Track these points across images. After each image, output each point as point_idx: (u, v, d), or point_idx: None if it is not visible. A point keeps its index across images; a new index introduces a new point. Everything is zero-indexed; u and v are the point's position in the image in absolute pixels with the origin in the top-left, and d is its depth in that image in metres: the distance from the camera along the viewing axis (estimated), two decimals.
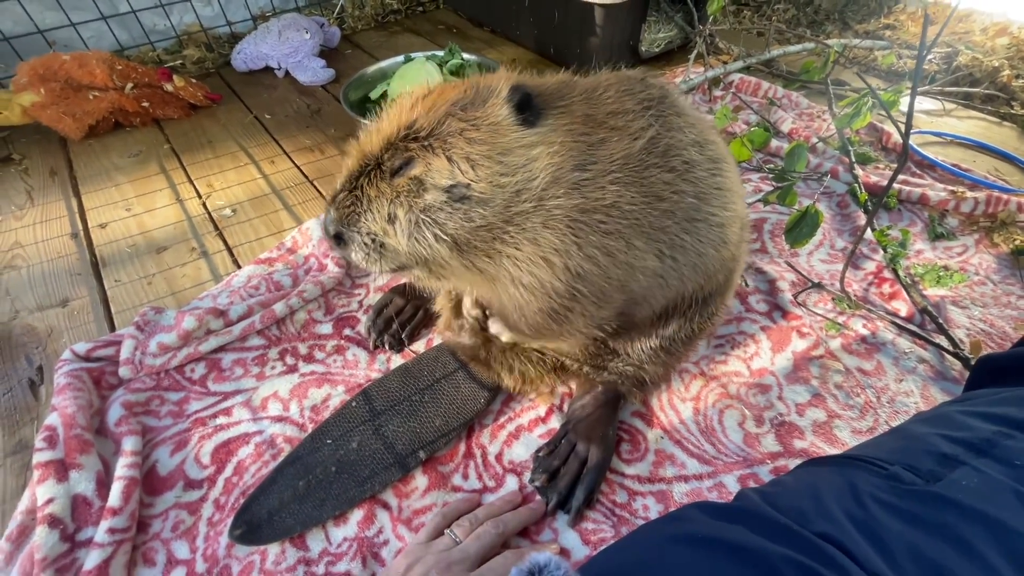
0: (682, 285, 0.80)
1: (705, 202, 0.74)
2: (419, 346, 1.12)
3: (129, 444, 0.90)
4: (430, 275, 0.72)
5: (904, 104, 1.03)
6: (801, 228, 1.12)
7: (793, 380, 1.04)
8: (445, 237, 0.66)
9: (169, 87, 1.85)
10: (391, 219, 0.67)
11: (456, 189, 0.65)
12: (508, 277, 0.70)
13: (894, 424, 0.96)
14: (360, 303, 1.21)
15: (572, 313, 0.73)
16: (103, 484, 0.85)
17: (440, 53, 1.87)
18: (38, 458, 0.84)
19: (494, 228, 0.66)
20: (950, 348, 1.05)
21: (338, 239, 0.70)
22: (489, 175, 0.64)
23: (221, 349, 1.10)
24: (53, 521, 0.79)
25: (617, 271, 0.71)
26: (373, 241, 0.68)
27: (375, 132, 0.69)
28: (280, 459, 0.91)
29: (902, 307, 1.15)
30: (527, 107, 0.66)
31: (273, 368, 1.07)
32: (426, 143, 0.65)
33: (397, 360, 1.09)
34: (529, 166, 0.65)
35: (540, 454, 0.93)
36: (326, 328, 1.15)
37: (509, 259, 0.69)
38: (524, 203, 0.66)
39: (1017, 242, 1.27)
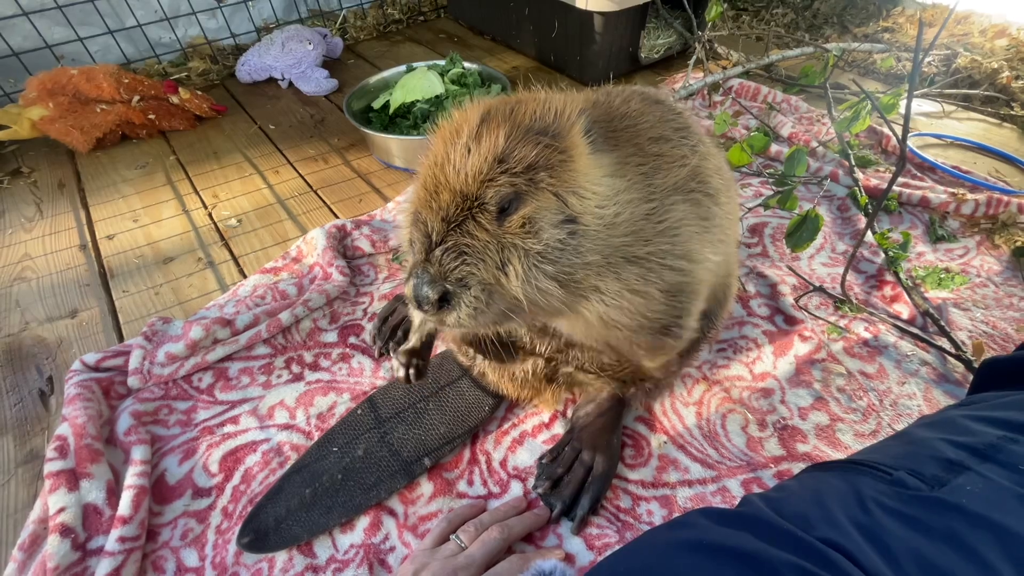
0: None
1: (725, 223, 0.77)
2: None
3: (138, 453, 0.91)
4: (527, 319, 0.65)
5: (904, 107, 1.03)
6: (802, 232, 1.12)
7: (795, 384, 1.04)
8: (560, 276, 0.60)
9: (175, 99, 1.88)
10: (503, 266, 0.59)
11: (567, 224, 0.60)
12: (602, 314, 0.67)
13: (897, 427, 0.96)
14: (364, 311, 1.22)
15: (682, 319, 0.72)
16: (113, 493, 0.87)
17: (442, 62, 1.89)
18: (49, 468, 0.86)
19: (595, 265, 0.62)
20: (952, 350, 1.05)
21: (443, 301, 0.59)
22: (590, 207, 0.61)
23: (228, 358, 1.11)
24: (64, 530, 0.80)
25: (700, 272, 0.72)
26: (484, 295, 0.59)
27: (452, 167, 0.60)
28: (287, 467, 0.92)
29: (904, 310, 1.16)
30: (590, 133, 0.64)
31: (279, 377, 1.08)
32: (530, 177, 0.58)
33: None
34: (615, 197, 0.63)
35: (543, 461, 0.93)
36: (331, 336, 1.16)
37: (601, 295, 0.65)
38: (615, 237, 0.63)
39: (1018, 243, 1.27)
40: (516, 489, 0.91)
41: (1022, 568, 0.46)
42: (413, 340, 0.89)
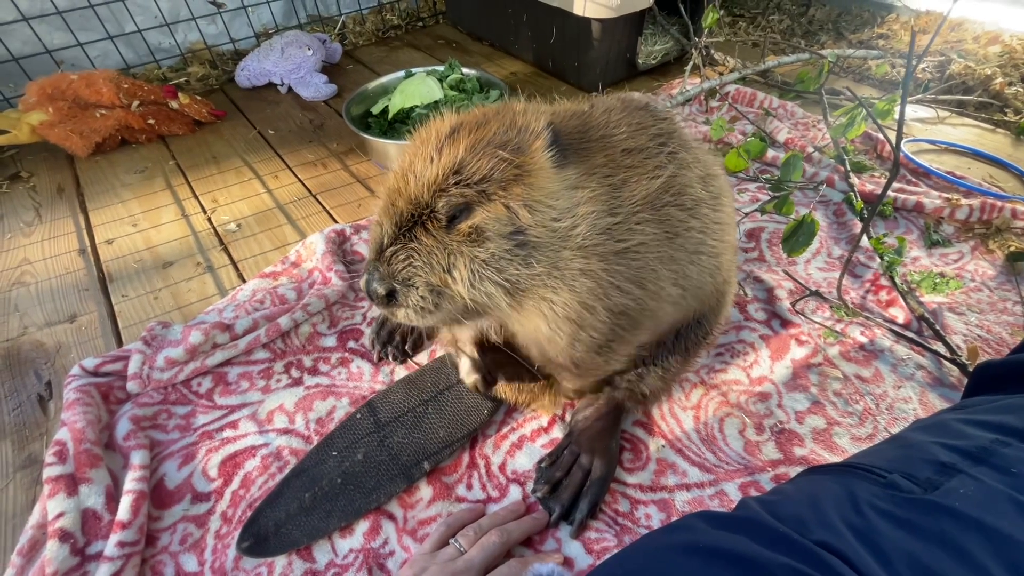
0: (684, 313, 0.83)
1: (707, 236, 0.77)
2: (422, 358, 1.14)
3: (137, 458, 0.91)
4: (474, 320, 0.69)
5: (898, 112, 1.05)
6: (798, 237, 1.13)
7: (792, 388, 1.05)
8: (504, 283, 0.64)
9: (174, 104, 1.89)
10: (449, 270, 0.63)
11: (516, 235, 0.63)
12: (550, 322, 0.70)
13: (893, 430, 0.97)
14: (364, 315, 1.22)
15: (615, 343, 0.74)
16: (112, 498, 0.87)
17: (440, 68, 1.90)
18: (48, 473, 0.86)
19: (544, 275, 0.65)
20: (947, 354, 1.06)
21: (390, 298, 0.65)
22: (544, 219, 0.64)
23: (227, 363, 1.11)
24: (63, 535, 0.80)
25: (650, 301, 0.72)
26: (431, 295, 0.65)
27: (413, 175, 0.64)
28: (286, 471, 0.92)
29: (899, 314, 1.17)
30: (555, 146, 0.66)
31: (279, 381, 1.09)
32: (482, 188, 0.62)
33: (401, 372, 1.11)
34: (573, 210, 0.65)
35: (542, 465, 0.93)
36: (330, 341, 1.17)
37: (551, 304, 0.68)
38: (567, 250, 0.65)
39: (1012, 248, 1.29)
40: (515, 493, 0.91)
41: (1014, 571, 0.47)
42: (467, 351, 0.91)
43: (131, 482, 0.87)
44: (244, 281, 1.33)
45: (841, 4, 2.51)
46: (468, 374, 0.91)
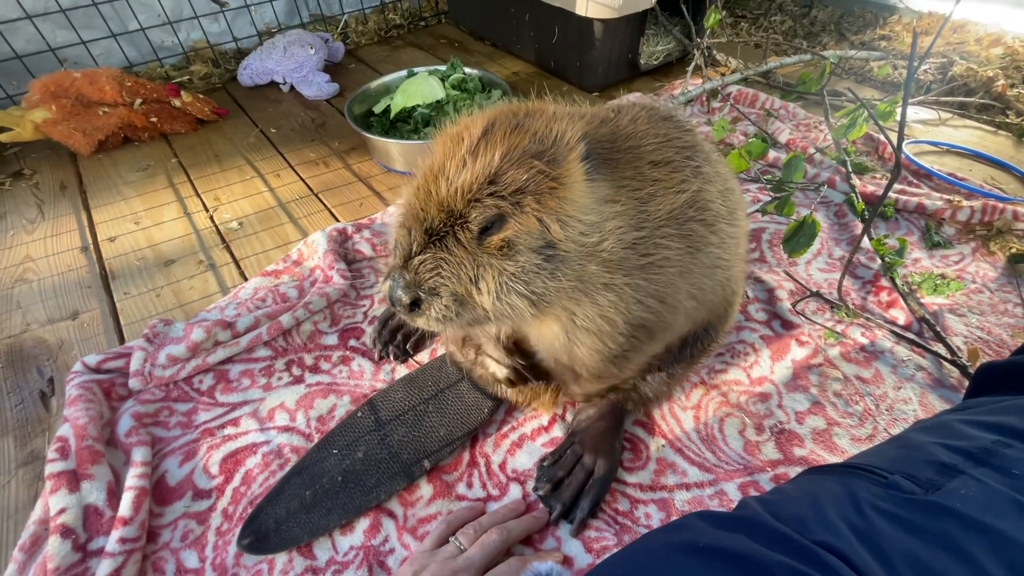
0: (694, 323, 0.84)
1: (723, 250, 0.77)
2: (423, 356, 1.14)
3: (139, 454, 0.92)
4: (496, 327, 0.70)
5: (900, 114, 1.05)
6: (799, 238, 1.13)
7: (792, 388, 1.05)
8: (530, 296, 0.63)
9: (177, 102, 1.89)
10: (476, 281, 0.62)
11: (546, 249, 0.62)
12: (569, 332, 0.70)
13: (893, 431, 0.97)
14: (365, 314, 1.23)
15: (631, 353, 0.75)
16: (114, 494, 0.87)
17: (442, 67, 1.91)
18: (50, 469, 0.86)
19: (567, 288, 0.65)
20: (948, 356, 1.06)
21: (413, 306, 0.64)
22: (574, 234, 0.63)
23: (229, 360, 1.11)
24: (65, 531, 0.80)
25: (668, 315, 0.73)
26: (454, 304, 0.63)
27: (445, 179, 0.62)
28: (287, 469, 0.93)
29: (900, 315, 1.17)
30: (589, 159, 0.65)
31: (280, 379, 1.09)
32: (516, 200, 0.60)
33: (402, 370, 1.11)
34: (602, 225, 0.65)
35: (545, 463, 0.94)
36: (332, 339, 1.17)
37: (572, 315, 0.68)
38: (594, 264, 0.65)
39: (1013, 250, 1.29)
40: (515, 492, 0.91)
41: (1014, 572, 0.47)
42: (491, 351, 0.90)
43: (133, 478, 0.87)
44: (246, 279, 1.33)
45: (843, 5, 2.50)
46: (499, 368, 0.90)
